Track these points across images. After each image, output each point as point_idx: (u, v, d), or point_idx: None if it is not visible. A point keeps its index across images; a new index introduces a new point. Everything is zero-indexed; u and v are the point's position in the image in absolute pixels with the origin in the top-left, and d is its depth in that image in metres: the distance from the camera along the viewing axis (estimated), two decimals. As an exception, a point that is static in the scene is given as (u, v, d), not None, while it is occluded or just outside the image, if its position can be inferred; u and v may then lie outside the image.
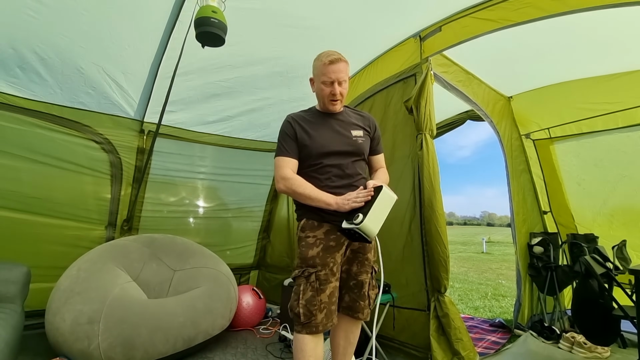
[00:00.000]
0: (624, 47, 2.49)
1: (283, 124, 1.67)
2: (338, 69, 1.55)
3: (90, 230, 2.89)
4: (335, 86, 1.56)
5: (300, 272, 1.52)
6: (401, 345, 2.41)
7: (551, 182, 3.42)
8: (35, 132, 2.61)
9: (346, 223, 1.43)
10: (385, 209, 1.44)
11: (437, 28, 2.43)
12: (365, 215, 1.37)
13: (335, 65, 1.55)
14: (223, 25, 1.86)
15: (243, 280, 3.86)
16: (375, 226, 1.40)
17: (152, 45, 2.38)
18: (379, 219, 1.42)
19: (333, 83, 1.56)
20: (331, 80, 1.56)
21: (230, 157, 3.66)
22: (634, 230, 2.97)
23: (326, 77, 1.56)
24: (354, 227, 1.37)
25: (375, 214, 1.39)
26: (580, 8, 1.81)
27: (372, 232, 1.39)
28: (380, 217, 1.42)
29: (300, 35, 2.48)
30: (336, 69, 1.55)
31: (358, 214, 1.40)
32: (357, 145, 1.64)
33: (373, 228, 1.39)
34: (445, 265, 2.15)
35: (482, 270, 8.20)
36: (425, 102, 2.29)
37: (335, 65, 1.55)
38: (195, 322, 2.27)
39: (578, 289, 2.43)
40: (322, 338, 1.54)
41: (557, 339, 2.66)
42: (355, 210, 1.44)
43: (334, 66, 1.54)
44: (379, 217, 1.41)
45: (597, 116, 3.01)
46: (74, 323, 1.93)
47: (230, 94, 3.02)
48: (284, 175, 1.55)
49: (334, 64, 1.54)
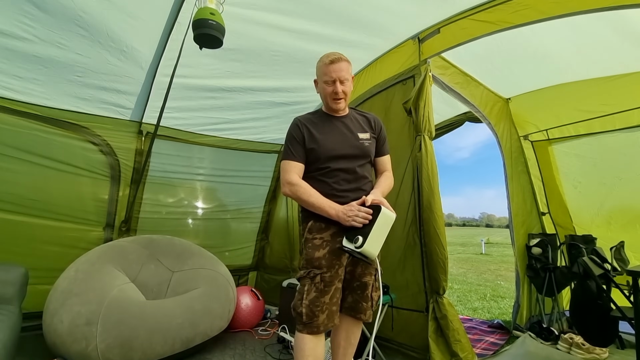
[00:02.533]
0: (621, 49, 2.50)
1: (290, 126, 1.69)
2: (339, 68, 1.58)
3: (88, 231, 2.89)
4: (337, 85, 1.59)
5: (305, 273, 1.53)
6: (399, 346, 2.41)
7: (549, 184, 3.43)
8: (33, 134, 2.61)
9: (346, 242, 1.44)
10: (385, 229, 1.43)
11: (436, 30, 2.43)
12: (365, 239, 1.37)
13: (336, 65, 1.58)
14: (221, 27, 1.86)
15: (242, 281, 3.85)
16: (375, 248, 1.40)
17: (150, 47, 2.39)
18: (379, 241, 1.41)
19: (335, 82, 1.59)
20: (332, 79, 1.59)
21: (229, 158, 3.66)
22: (632, 231, 2.98)
23: (327, 77, 1.60)
24: (355, 250, 1.38)
25: (375, 236, 1.39)
26: (579, 10, 1.81)
27: (372, 255, 1.40)
28: (380, 239, 1.42)
29: (299, 38, 2.48)
30: (337, 68, 1.58)
31: (358, 236, 1.39)
32: (364, 148, 1.66)
33: (373, 251, 1.39)
34: (443, 266, 2.15)
35: (481, 272, 8.20)
36: (424, 103, 2.29)
37: (336, 65, 1.58)
38: (193, 323, 2.27)
39: (576, 290, 2.43)
40: (322, 338, 1.55)
41: (556, 340, 2.66)
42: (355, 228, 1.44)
43: (334, 65, 1.58)
44: (378, 238, 1.41)
45: (594, 118, 3.02)
46: (72, 324, 1.92)
47: (228, 95, 3.02)
48: (290, 180, 1.57)
49: (335, 64, 1.58)
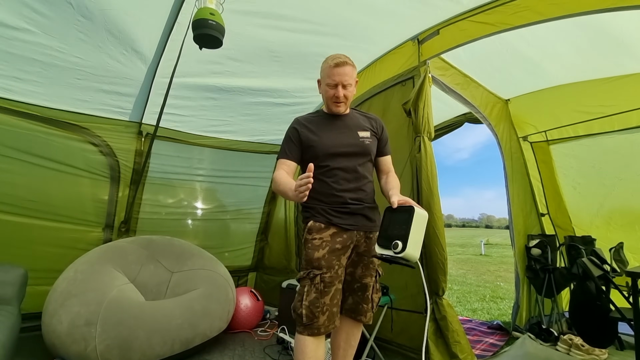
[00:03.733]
0: (619, 51, 2.51)
1: (289, 127, 1.69)
2: (343, 72, 1.57)
3: (87, 232, 2.89)
4: (339, 89, 1.58)
5: (305, 274, 1.52)
6: (399, 347, 2.40)
7: (549, 185, 3.43)
8: (33, 135, 2.61)
9: (380, 249, 1.40)
10: (421, 229, 1.39)
11: (435, 31, 2.44)
12: (405, 243, 1.32)
13: (340, 68, 1.56)
14: (221, 27, 1.87)
15: (241, 282, 3.85)
16: (416, 251, 1.35)
17: (150, 47, 2.39)
18: (418, 242, 1.37)
19: (337, 86, 1.58)
20: (335, 83, 1.58)
21: (228, 159, 3.66)
22: (631, 232, 2.98)
23: (330, 80, 1.58)
24: (395, 256, 1.34)
25: (413, 238, 1.34)
26: (577, 12, 1.82)
27: (415, 258, 1.35)
28: (419, 240, 1.37)
29: (298, 39, 2.48)
30: (341, 71, 1.56)
31: (396, 241, 1.35)
32: (364, 146, 1.64)
33: (415, 254, 1.34)
34: (443, 267, 2.15)
35: (481, 273, 8.20)
36: (424, 104, 2.30)
37: (341, 69, 1.56)
38: (192, 324, 2.27)
39: (575, 291, 2.43)
40: (323, 340, 1.54)
41: (555, 341, 2.66)
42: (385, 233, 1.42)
43: (339, 69, 1.56)
44: (417, 240, 1.37)
45: (593, 119, 3.02)
46: (71, 325, 1.92)
47: (228, 97, 3.02)
48: (274, 175, 1.59)
49: (339, 67, 1.56)
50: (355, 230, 1.58)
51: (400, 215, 1.41)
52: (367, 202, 1.64)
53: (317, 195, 1.58)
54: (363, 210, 1.61)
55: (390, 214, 1.46)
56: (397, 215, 1.42)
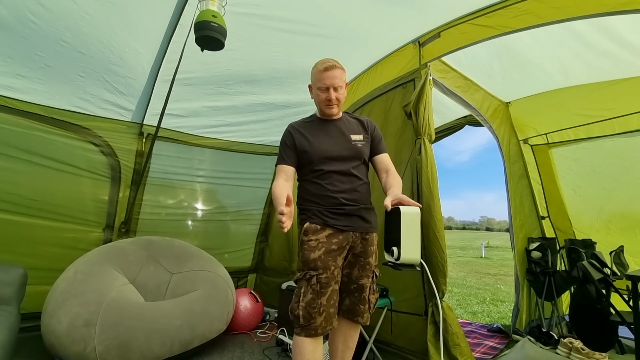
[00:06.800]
0: (619, 54, 2.51)
1: (284, 133, 1.73)
2: (333, 75, 1.61)
3: (87, 232, 2.88)
4: (330, 92, 1.62)
5: (301, 275, 1.53)
6: (398, 350, 2.40)
7: (549, 188, 3.44)
8: (34, 134, 2.61)
9: (387, 256, 1.41)
10: (414, 227, 1.36)
11: (436, 34, 2.45)
12: (399, 248, 1.32)
13: (330, 72, 1.61)
14: (223, 29, 1.87)
15: (241, 283, 3.84)
16: (414, 252, 1.34)
17: (152, 49, 2.40)
18: (414, 243, 1.35)
19: (328, 89, 1.62)
20: (326, 86, 1.62)
21: (229, 160, 3.66)
22: (632, 236, 2.98)
23: (321, 84, 1.63)
24: (396, 263, 1.34)
25: (406, 241, 1.33)
26: (577, 16, 1.82)
27: (414, 260, 1.35)
28: (414, 240, 1.35)
29: (300, 41, 2.49)
30: (331, 75, 1.61)
31: (392, 247, 1.36)
32: (357, 149, 1.67)
33: (412, 256, 1.34)
34: (443, 270, 2.14)
35: (481, 275, 8.18)
36: (424, 107, 2.30)
37: (330, 72, 1.61)
38: (192, 325, 2.26)
39: (576, 295, 2.43)
40: (321, 341, 1.54)
41: (555, 344, 2.65)
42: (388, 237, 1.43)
43: (328, 72, 1.61)
44: (412, 241, 1.34)
45: (593, 122, 3.03)
46: (71, 325, 1.91)
47: (229, 98, 3.03)
48: (272, 186, 1.62)
49: (329, 71, 1.61)
50: (351, 232, 1.60)
51: (393, 218, 1.41)
52: (362, 203, 1.65)
53: (312, 197, 1.62)
54: (359, 211, 1.62)
55: (388, 218, 1.47)
56: (391, 218, 1.43)
